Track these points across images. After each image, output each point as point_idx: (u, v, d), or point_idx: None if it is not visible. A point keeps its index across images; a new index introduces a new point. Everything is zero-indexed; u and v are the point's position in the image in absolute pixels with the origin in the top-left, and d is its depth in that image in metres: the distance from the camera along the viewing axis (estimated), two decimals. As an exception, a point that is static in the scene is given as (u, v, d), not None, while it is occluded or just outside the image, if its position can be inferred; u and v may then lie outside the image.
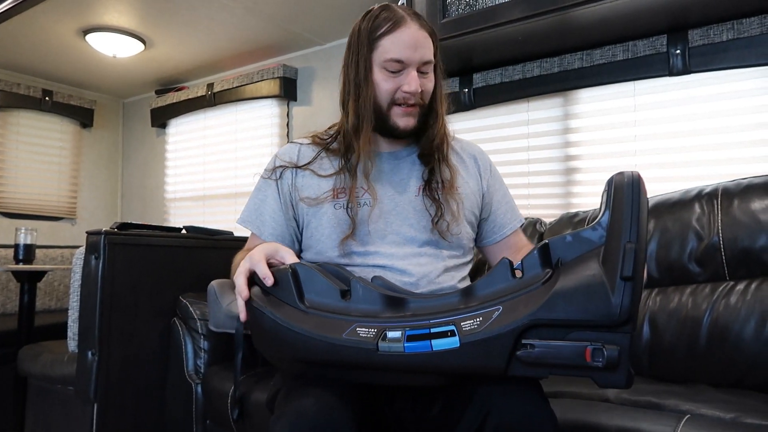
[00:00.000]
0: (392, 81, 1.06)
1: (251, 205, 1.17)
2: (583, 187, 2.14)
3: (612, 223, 0.74)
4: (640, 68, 1.91)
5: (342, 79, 1.13)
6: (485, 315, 0.74)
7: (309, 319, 0.83)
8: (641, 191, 0.73)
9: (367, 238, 1.08)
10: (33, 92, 3.59)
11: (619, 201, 0.73)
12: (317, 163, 1.14)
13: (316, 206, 1.10)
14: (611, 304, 0.69)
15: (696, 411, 1.10)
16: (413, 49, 1.05)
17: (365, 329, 0.79)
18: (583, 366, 0.70)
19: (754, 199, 1.43)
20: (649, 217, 1.57)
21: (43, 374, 2.06)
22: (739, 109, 1.80)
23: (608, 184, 0.78)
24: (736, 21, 1.73)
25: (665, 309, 1.46)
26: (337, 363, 0.81)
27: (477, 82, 2.28)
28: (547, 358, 0.72)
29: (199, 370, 1.90)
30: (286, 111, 3.22)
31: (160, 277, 1.99)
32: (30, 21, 2.75)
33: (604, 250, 0.73)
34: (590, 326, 0.71)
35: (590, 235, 0.76)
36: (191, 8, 2.63)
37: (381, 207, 1.10)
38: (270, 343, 0.88)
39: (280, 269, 0.89)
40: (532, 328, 0.72)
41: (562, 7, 1.69)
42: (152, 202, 3.97)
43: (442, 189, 1.11)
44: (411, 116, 1.09)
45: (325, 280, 0.86)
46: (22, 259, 2.56)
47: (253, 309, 0.88)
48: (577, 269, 0.73)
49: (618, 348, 0.69)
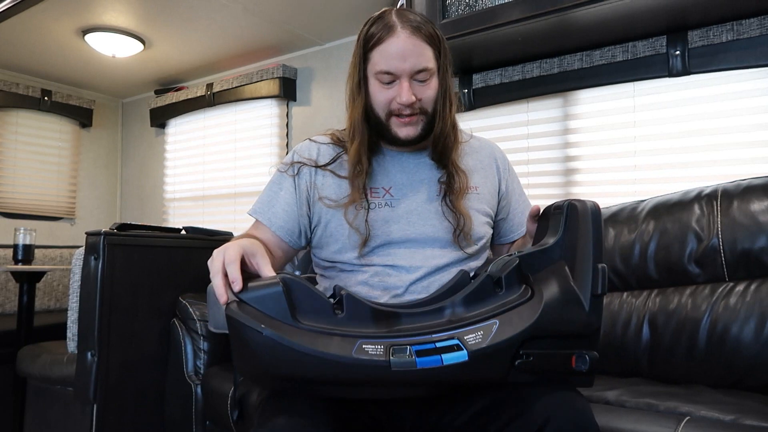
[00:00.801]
0: (386, 92, 1.06)
1: (264, 197, 1.16)
2: (582, 187, 2.14)
3: (573, 244, 0.86)
4: (640, 69, 1.91)
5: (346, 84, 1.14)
6: (485, 328, 0.78)
7: (307, 335, 0.79)
8: (601, 220, 0.86)
9: (387, 239, 1.08)
10: (32, 92, 3.59)
11: (585, 226, 0.85)
12: (337, 163, 1.14)
13: (336, 207, 1.10)
14: (587, 316, 0.80)
15: (696, 413, 1.11)
16: (401, 59, 1.03)
17: (372, 346, 0.78)
18: (568, 371, 0.81)
19: (753, 200, 1.43)
20: (648, 218, 1.58)
21: (42, 375, 2.06)
22: (739, 110, 1.80)
23: (566, 209, 0.89)
24: (735, 22, 1.73)
25: (665, 310, 1.46)
26: (346, 381, 0.80)
27: (476, 83, 2.28)
28: (541, 365, 0.81)
29: (199, 371, 1.90)
30: (285, 111, 3.22)
31: (159, 277, 1.99)
32: (29, 21, 2.75)
33: (571, 267, 0.85)
34: (571, 336, 0.81)
35: (552, 252, 0.88)
36: (190, 8, 2.63)
37: (400, 206, 1.10)
38: (259, 360, 0.80)
39: (269, 281, 0.84)
40: (528, 339, 0.79)
41: (562, 8, 1.69)
42: (151, 202, 3.96)
43: (458, 195, 1.11)
44: (411, 126, 1.07)
45: (316, 294, 0.84)
46: (21, 260, 2.55)
47: (237, 324, 0.79)
48: (553, 285, 0.83)
49: (596, 354, 0.81)
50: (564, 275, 0.83)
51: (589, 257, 0.82)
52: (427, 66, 1.05)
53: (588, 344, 0.81)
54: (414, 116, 1.06)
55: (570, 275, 0.83)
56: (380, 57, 1.04)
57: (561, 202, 0.92)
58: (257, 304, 0.81)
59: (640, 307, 1.51)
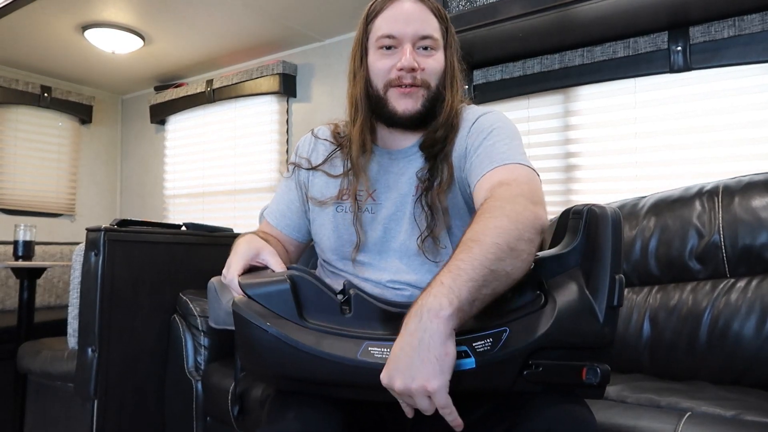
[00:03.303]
0: (386, 59, 0.99)
1: (275, 198, 1.17)
2: (583, 184, 2.13)
3: (591, 251, 0.81)
4: (641, 65, 1.91)
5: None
6: (495, 336, 0.75)
7: (312, 335, 0.78)
8: (621, 228, 0.81)
9: (365, 246, 1.03)
10: (32, 88, 3.58)
11: (604, 233, 0.80)
12: (329, 162, 1.10)
13: (320, 207, 1.08)
14: (602, 328, 0.76)
15: (697, 409, 1.10)
16: (405, 22, 0.98)
17: (378, 349, 0.76)
18: (578, 383, 0.77)
19: (755, 196, 1.42)
20: (649, 215, 1.58)
21: (42, 371, 2.06)
22: (740, 106, 1.80)
23: (585, 214, 0.84)
24: (737, 18, 1.72)
25: (666, 306, 1.46)
26: (351, 384, 0.78)
27: (477, 79, 2.28)
28: (549, 376, 0.76)
29: (200, 367, 1.90)
30: (285, 107, 3.22)
31: (160, 273, 1.98)
32: (28, 17, 2.74)
33: (586, 276, 0.80)
34: (584, 348, 0.77)
35: (568, 258, 0.83)
36: (190, 4, 2.62)
37: (380, 212, 1.03)
38: (263, 358, 0.81)
39: (276, 278, 0.84)
40: (538, 349, 0.76)
41: (563, 3, 1.69)
42: (151, 199, 3.96)
43: (437, 192, 0.99)
44: (410, 98, 0.99)
45: (324, 291, 0.83)
46: (22, 256, 2.55)
47: (243, 320, 0.80)
48: (568, 293, 0.78)
49: (608, 367, 0.76)
50: (579, 284, 0.79)
51: (607, 267, 0.78)
52: (432, 34, 1.00)
53: (600, 357, 0.77)
54: (415, 87, 0.99)
55: (585, 284, 0.80)
56: (383, 21, 1.00)
57: (580, 206, 0.88)
58: (264, 300, 0.81)
59: (641, 304, 1.51)
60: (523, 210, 0.78)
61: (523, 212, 0.78)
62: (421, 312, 0.69)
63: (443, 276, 0.71)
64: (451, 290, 0.69)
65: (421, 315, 0.69)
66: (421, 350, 0.68)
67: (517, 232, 0.75)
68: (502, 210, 0.78)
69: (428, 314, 0.68)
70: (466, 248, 0.74)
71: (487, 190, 0.89)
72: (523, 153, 0.99)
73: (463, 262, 0.72)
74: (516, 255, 0.74)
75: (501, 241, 0.73)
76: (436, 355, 0.67)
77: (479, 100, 2.29)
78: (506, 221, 0.76)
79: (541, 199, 0.86)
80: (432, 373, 0.67)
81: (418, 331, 0.68)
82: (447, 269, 0.72)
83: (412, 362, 0.68)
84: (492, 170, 0.92)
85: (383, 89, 1.01)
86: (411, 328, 0.69)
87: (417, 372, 0.67)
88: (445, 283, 0.70)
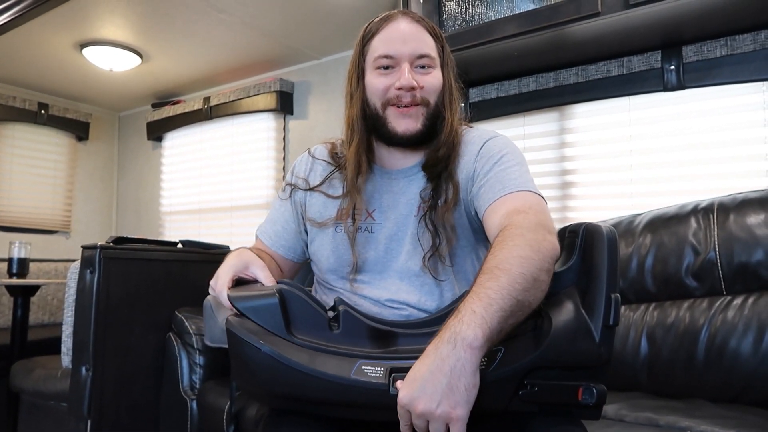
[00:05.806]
0: (384, 78, 0.99)
1: (268, 217, 1.17)
2: (579, 201, 2.14)
3: (587, 270, 0.81)
4: (635, 83, 1.93)
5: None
6: (489, 355, 0.74)
7: (305, 353, 0.78)
8: (617, 247, 0.80)
9: (365, 266, 1.02)
10: (29, 105, 3.59)
11: (600, 252, 0.79)
12: (328, 182, 1.09)
13: (319, 227, 1.07)
14: (597, 348, 0.74)
15: (696, 427, 1.10)
16: (402, 42, 0.98)
17: (372, 368, 0.76)
18: (574, 404, 0.76)
19: (749, 213, 1.43)
20: (645, 232, 1.58)
21: (35, 390, 2.04)
22: (734, 124, 1.82)
23: (581, 233, 0.84)
24: (729, 37, 1.75)
25: (663, 323, 1.46)
26: (345, 403, 0.77)
27: (473, 97, 2.29)
28: (545, 396, 0.76)
29: (195, 386, 1.88)
30: (282, 125, 3.23)
31: (155, 291, 1.98)
32: (27, 34, 2.76)
33: (582, 295, 0.79)
34: (580, 367, 0.76)
35: (564, 277, 0.82)
36: (188, 22, 2.64)
37: (381, 232, 1.03)
38: (257, 376, 0.80)
39: (265, 291, 0.83)
40: (533, 369, 0.75)
41: (558, 23, 1.71)
42: (147, 216, 3.95)
43: (443, 211, 0.99)
44: (410, 118, 0.99)
45: (313, 307, 0.82)
46: (16, 273, 2.54)
47: (236, 338, 0.79)
48: (563, 313, 0.77)
49: (604, 387, 0.75)
50: (575, 303, 0.79)
51: (603, 286, 0.77)
52: (429, 53, 1.00)
53: (596, 376, 0.76)
54: (414, 106, 0.99)
55: (581, 303, 0.79)
56: (380, 42, 1.00)
57: (576, 225, 0.88)
58: (253, 314, 0.82)
59: (638, 321, 1.51)
60: (543, 240, 0.80)
61: (543, 242, 0.79)
62: (456, 340, 0.69)
63: (474, 304, 0.72)
64: (484, 320, 0.70)
65: (455, 342, 0.69)
66: (453, 377, 0.68)
67: (539, 263, 0.77)
68: (524, 238, 0.79)
69: (462, 343, 0.69)
70: (493, 276, 0.74)
71: (502, 216, 0.89)
72: (532, 180, 1.01)
73: (492, 291, 0.72)
74: (538, 286, 0.76)
75: (526, 271, 0.74)
76: (466, 384, 0.68)
77: (475, 118, 2.31)
78: (529, 251, 0.77)
79: (554, 229, 0.87)
80: (459, 402, 0.67)
81: (451, 358, 0.68)
82: (477, 297, 0.72)
83: (440, 388, 0.68)
84: (504, 196, 0.94)
85: (381, 108, 1.01)
86: (443, 353, 0.69)
87: (444, 398, 0.67)
88: (477, 312, 0.70)
